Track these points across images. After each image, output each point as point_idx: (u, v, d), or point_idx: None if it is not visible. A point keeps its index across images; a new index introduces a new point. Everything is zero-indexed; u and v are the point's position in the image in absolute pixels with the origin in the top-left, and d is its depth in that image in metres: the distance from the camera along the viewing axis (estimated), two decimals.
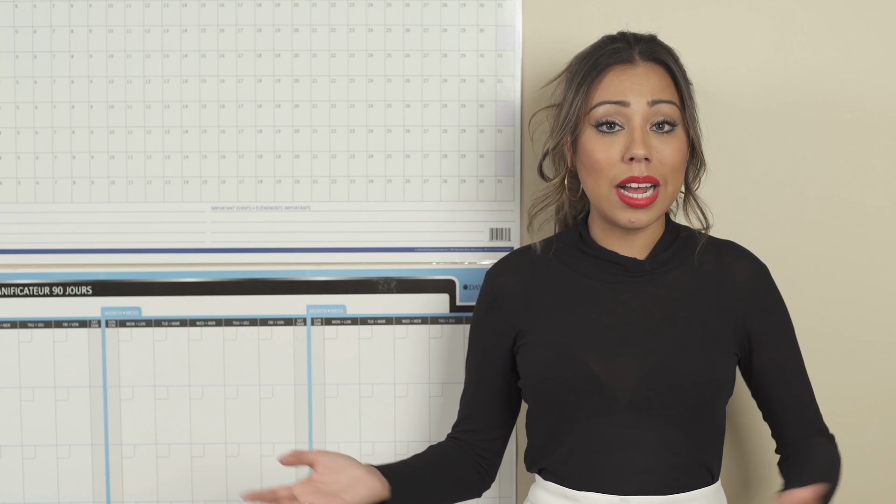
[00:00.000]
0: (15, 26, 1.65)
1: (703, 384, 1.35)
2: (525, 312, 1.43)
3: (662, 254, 1.41)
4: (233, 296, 1.68)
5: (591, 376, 1.35)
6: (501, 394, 1.49)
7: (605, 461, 1.36)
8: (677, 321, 1.37)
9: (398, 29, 1.66)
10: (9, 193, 1.67)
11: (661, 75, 1.36)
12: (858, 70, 1.67)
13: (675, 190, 1.37)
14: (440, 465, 1.49)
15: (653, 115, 1.34)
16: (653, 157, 1.33)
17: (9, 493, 1.69)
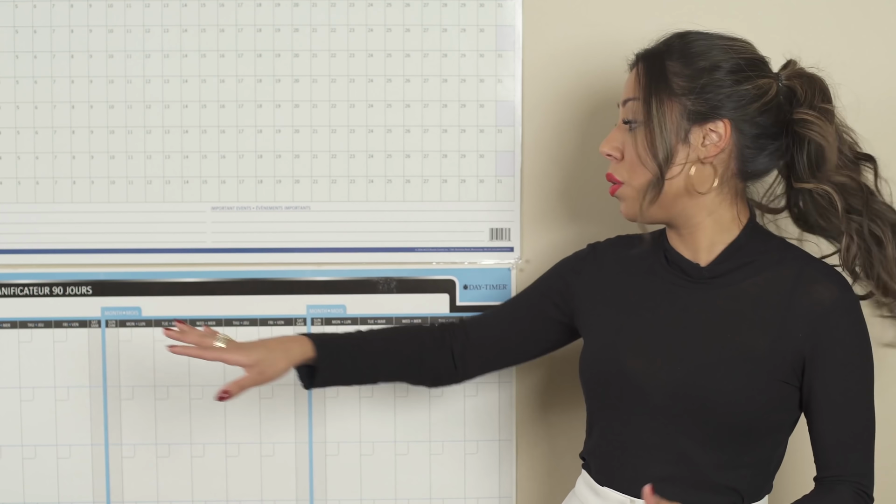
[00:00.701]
0: (15, 26, 1.65)
1: (732, 407, 1.29)
2: (595, 293, 1.45)
3: (728, 261, 1.35)
4: (233, 296, 1.68)
5: (623, 374, 1.35)
6: (520, 326, 1.51)
7: (625, 460, 1.36)
8: (726, 336, 1.31)
9: (398, 29, 1.66)
10: (9, 193, 1.67)
11: (635, 73, 1.36)
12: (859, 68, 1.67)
13: (643, 185, 1.32)
14: (392, 342, 1.51)
15: (623, 114, 1.37)
16: (615, 153, 1.36)
17: (9, 493, 1.69)
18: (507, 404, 1.72)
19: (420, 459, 1.72)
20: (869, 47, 1.67)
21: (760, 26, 1.66)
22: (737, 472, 1.33)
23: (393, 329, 1.55)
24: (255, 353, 1.38)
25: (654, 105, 1.31)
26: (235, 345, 1.39)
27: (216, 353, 1.37)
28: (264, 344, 1.41)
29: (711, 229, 1.36)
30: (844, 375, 1.30)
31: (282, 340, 1.43)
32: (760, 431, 1.32)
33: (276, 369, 1.40)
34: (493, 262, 1.69)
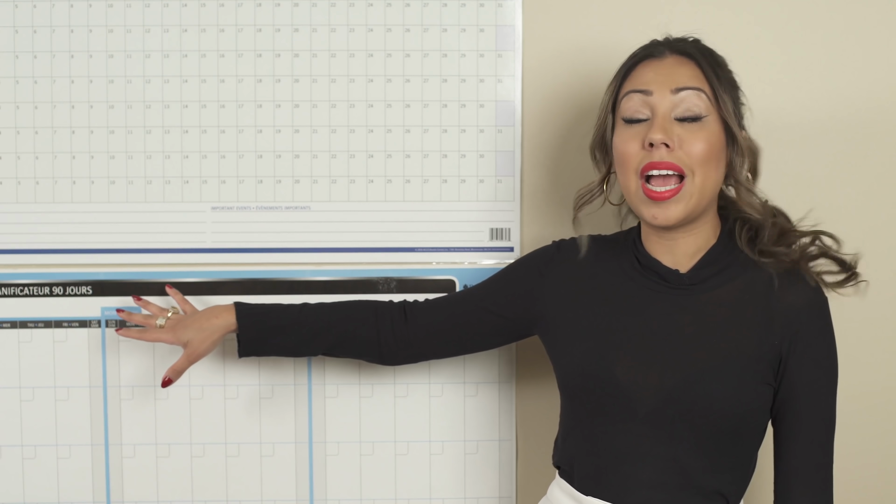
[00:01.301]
0: (15, 26, 1.65)
1: (724, 411, 1.29)
2: (565, 297, 1.42)
3: (708, 267, 1.35)
4: (233, 296, 1.68)
5: (613, 382, 1.33)
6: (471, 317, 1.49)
7: (613, 469, 1.35)
8: (711, 341, 1.32)
9: (398, 29, 1.66)
10: (9, 193, 1.67)
11: (689, 66, 1.32)
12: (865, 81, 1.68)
13: (705, 184, 1.30)
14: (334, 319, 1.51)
15: (678, 104, 1.30)
16: (674, 144, 1.29)
17: (9, 493, 1.69)
18: (507, 404, 1.72)
19: (420, 459, 1.71)
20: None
21: (754, 26, 1.67)
22: (724, 475, 1.33)
23: (339, 304, 1.54)
24: (185, 335, 1.51)
25: (727, 99, 1.32)
26: (172, 324, 1.54)
27: (155, 334, 1.53)
28: (195, 321, 1.52)
29: (702, 237, 1.36)
30: (814, 372, 1.32)
31: (210, 315, 1.52)
32: (747, 434, 1.33)
33: (203, 348, 1.52)
34: (493, 262, 1.69)
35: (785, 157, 1.67)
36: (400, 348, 1.51)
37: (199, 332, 1.51)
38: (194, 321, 1.52)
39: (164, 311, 1.57)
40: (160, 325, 1.54)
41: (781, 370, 1.32)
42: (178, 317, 1.56)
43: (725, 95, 1.31)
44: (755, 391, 1.31)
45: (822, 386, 1.33)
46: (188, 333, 1.51)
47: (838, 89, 1.68)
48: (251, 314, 1.52)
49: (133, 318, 1.57)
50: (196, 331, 1.51)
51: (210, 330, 1.51)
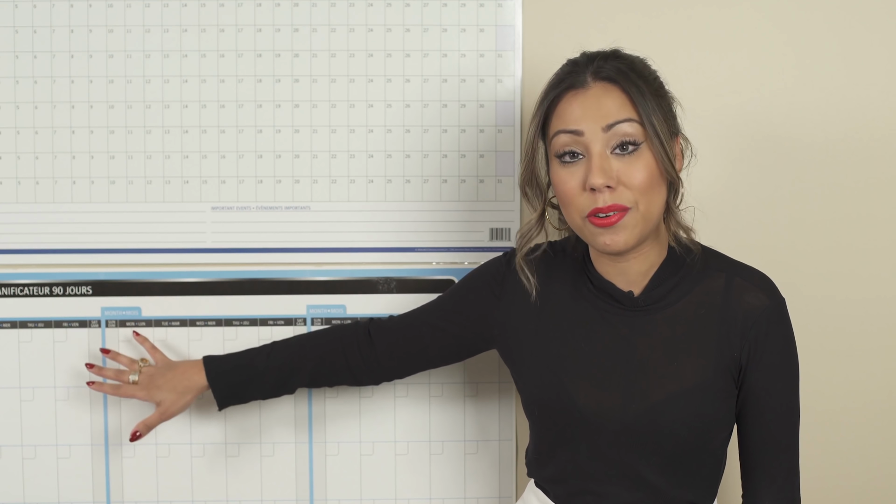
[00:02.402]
0: (15, 26, 1.65)
1: (687, 434, 1.29)
2: (520, 320, 1.40)
3: (660, 287, 1.32)
4: (233, 296, 1.68)
5: (576, 409, 1.32)
6: (430, 335, 1.48)
7: (586, 489, 1.35)
8: (670, 364, 1.30)
9: (398, 29, 1.66)
10: (9, 193, 1.67)
11: (616, 95, 1.25)
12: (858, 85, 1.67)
13: (649, 210, 1.25)
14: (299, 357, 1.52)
15: (611, 139, 1.25)
16: (615, 183, 1.24)
17: (9, 493, 1.69)
18: (507, 405, 1.72)
19: (420, 459, 1.71)
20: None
21: (757, 31, 1.67)
22: (694, 486, 1.34)
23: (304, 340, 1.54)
24: (159, 395, 1.55)
25: (656, 121, 1.25)
26: (145, 381, 1.56)
27: (129, 390, 1.57)
28: (168, 381, 1.55)
29: (652, 255, 1.32)
30: (776, 376, 1.32)
31: (182, 376, 1.55)
32: (711, 446, 1.34)
33: (177, 407, 1.56)
34: None
35: (787, 166, 1.67)
36: (371, 370, 1.51)
37: (172, 392, 1.54)
38: (167, 381, 1.55)
39: (135, 364, 1.59)
40: (133, 380, 1.56)
41: (742, 377, 1.32)
42: (150, 371, 1.58)
43: (655, 115, 1.25)
44: (717, 406, 1.31)
45: (784, 388, 1.33)
46: (161, 394, 1.55)
47: (848, 90, 1.68)
48: (221, 373, 1.53)
49: (105, 373, 1.59)
50: (169, 391, 1.54)
51: (185, 392, 1.55)
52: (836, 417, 1.71)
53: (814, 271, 1.68)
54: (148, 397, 1.55)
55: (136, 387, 1.56)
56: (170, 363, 1.59)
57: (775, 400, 1.32)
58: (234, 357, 1.55)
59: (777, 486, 1.34)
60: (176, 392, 1.54)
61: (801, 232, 1.68)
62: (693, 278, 1.33)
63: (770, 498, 1.34)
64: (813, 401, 1.61)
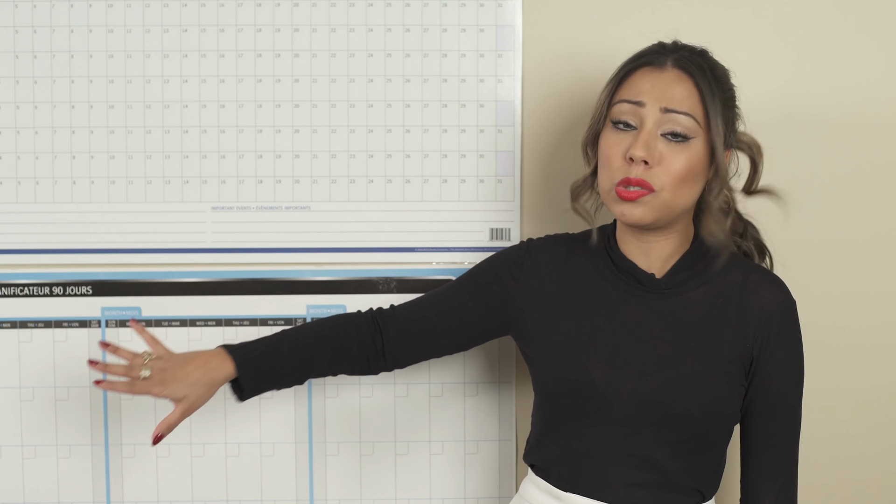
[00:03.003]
0: (15, 26, 1.65)
1: (699, 413, 1.33)
2: (539, 301, 1.42)
3: (681, 272, 1.37)
4: (233, 296, 1.68)
5: (591, 383, 1.35)
6: (445, 321, 1.47)
7: (592, 468, 1.36)
8: (685, 345, 1.34)
9: (398, 29, 1.66)
10: (9, 193, 1.67)
11: (687, 86, 1.31)
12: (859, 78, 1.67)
13: (674, 201, 1.31)
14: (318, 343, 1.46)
15: (666, 123, 1.30)
16: (653, 161, 1.29)
17: (9, 493, 1.69)
18: (507, 404, 1.72)
19: (420, 459, 1.72)
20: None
21: (755, 33, 1.67)
22: (699, 472, 1.36)
23: (318, 326, 1.50)
24: (181, 390, 1.37)
25: (716, 128, 1.31)
26: (159, 375, 1.38)
27: (142, 387, 1.37)
28: (187, 375, 1.38)
29: (676, 241, 1.38)
30: (785, 372, 1.36)
31: (205, 367, 1.39)
32: (721, 433, 1.37)
33: (202, 401, 1.40)
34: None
35: (792, 156, 1.67)
36: (382, 357, 1.50)
37: (197, 387, 1.38)
38: (186, 374, 1.38)
39: (140, 357, 1.39)
40: (145, 376, 1.37)
41: (752, 371, 1.36)
42: (161, 364, 1.39)
43: (718, 119, 1.31)
44: (728, 393, 1.34)
45: (790, 388, 1.37)
46: (183, 389, 1.38)
47: (849, 88, 1.68)
48: (249, 361, 1.42)
49: (112, 370, 1.39)
50: (192, 386, 1.38)
51: (210, 385, 1.40)
52: (834, 416, 1.71)
53: (813, 268, 1.68)
54: (166, 393, 1.37)
55: (151, 382, 1.37)
56: (179, 355, 1.42)
57: (781, 397, 1.36)
58: (256, 345, 1.45)
59: (776, 485, 1.37)
60: (200, 386, 1.38)
61: (800, 230, 1.68)
62: (712, 272, 1.38)
63: (769, 497, 1.37)
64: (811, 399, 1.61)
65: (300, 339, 1.48)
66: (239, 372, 1.41)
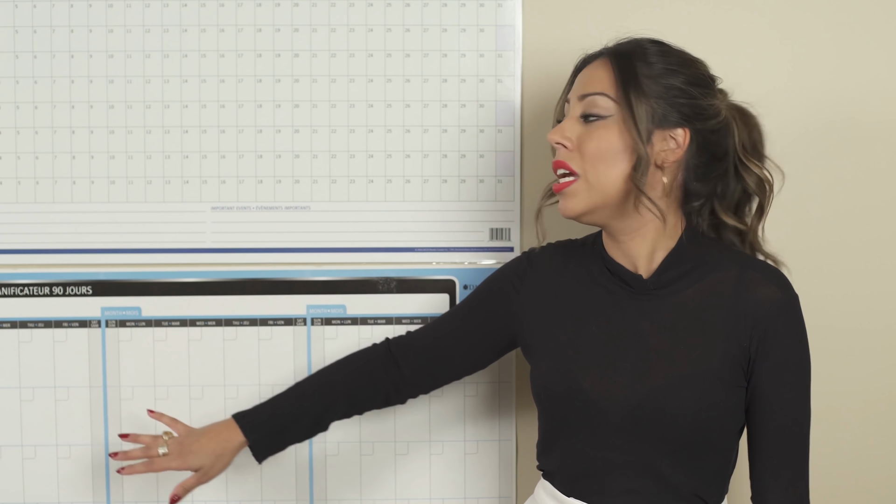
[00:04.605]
0: (15, 26, 1.65)
1: (694, 418, 1.29)
2: (537, 310, 1.42)
3: (670, 270, 1.34)
4: (233, 296, 1.68)
5: (582, 393, 1.33)
6: (455, 343, 1.49)
7: (589, 476, 1.35)
8: (678, 348, 1.31)
9: (398, 29, 1.66)
10: (9, 193, 1.67)
11: (605, 70, 1.33)
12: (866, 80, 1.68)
13: (599, 181, 1.31)
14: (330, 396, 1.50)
15: (584, 107, 1.33)
16: (571, 144, 1.33)
17: (9, 493, 1.69)
18: (507, 404, 1.72)
19: (420, 459, 1.71)
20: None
21: (746, 38, 1.67)
22: (700, 478, 1.34)
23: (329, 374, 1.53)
24: (196, 461, 1.47)
25: (633, 100, 1.30)
26: (177, 450, 1.47)
27: (162, 463, 1.47)
28: (202, 448, 1.47)
29: (652, 237, 1.35)
30: (785, 372, 1.31)
31: (217, 439, 1.48)
32: (721, 437, 1.33)
33: (216, 470, 1.49)
34: (493, 262, 1.69)
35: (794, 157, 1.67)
36: (399, 391, 1.52)
37: (210, 457, 1.47)
38: (202, 447, 1.47)
39: (159, 439, 1.49)
40: (164, 453, 1.48)
41: (751, 369, 1.32)
42: (178, 441, 1.49)
43: (638, 96, 1.30)
44: (724, 395, 1.31)
45: (793, 385, 1.32)
46: (199, 459, 1.47)
47: (848, 88, 1.68)
48: (256, 426, 1.49)
49: (131, 455, 1.49)
50: (207, 456, 1.47)
51: (223, 455, 1.48)
52: (835, 416, 1.71)
53: (813, 267, 1.68)
54: (184, 465, 1.47)
55: (169, 458, 1.47)
56: (195, 430, 1.51)
57: (784, 396, 1.32)
58: (265, 407, 1.51)
59: (784, 484, 1.33)
60: (214, 455, 1.47)
61: (798, 228, 1.68)
62: (706, 268, 1.35)
63: (777, 497, 1.33)
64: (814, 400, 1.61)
65: (311, 393, 1.51)
66: (247, 439, 1.48)
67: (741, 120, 1.38)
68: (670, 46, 1.36)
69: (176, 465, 1.47)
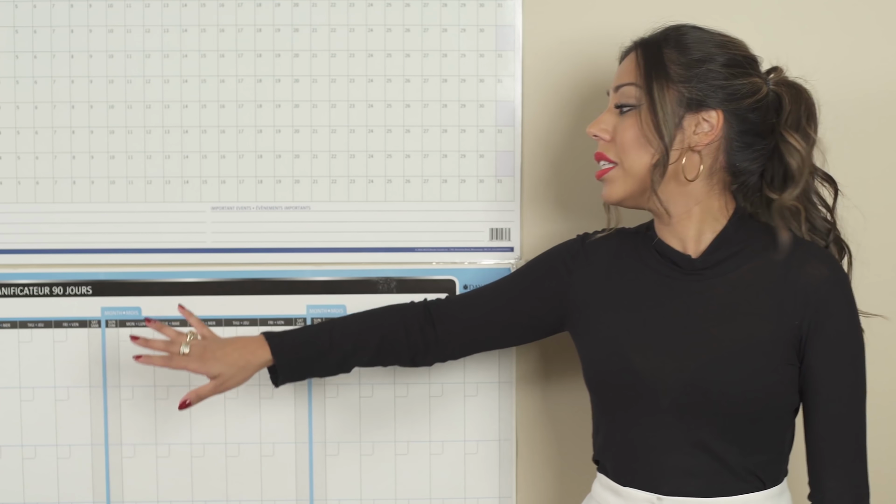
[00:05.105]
0: (15, 26, 1.65)
1: (744, 395, 1.30)
2: (589, 293, 1.43)
3: (719, 251, 1.36)
4: (233, 296, 1.68)
5: (632, 373, 1.35)
6: (499, 315, 1.50)
7: (643, 459, 1.36)
8: (728, 326, 1.32)
9: (398, 29, 1.66)
10: (9, 193, 1.67)
11: (632, 60, 1.37)
12: None
13: (633, 168, 1.35)
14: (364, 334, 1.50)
15: (617, 98, 1.37)
16: (608, 136, 1.37)
17: (9, 493, 1.69)
18: (507, 404, 1.72)
19: (420, 459, 1.72)
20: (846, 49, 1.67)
21: (755, 27, 1.66)
22: (754, 457, 1.34)
23: (366, 317, 1.53)
24: (217, 368, 1.44)
25: (656, 89, 1.33)
26: (199, 352, 1.45)
27: (181, 361, 1.44)
28: (225, 356, 1.45)
29: (699, 219, 1.37)
30: (837, 350, 1.32)
31: (243, 350, 1.46)
32: (772, 415, 1.34)
33: (235, 382, 1.46)
34: (493, 262, 1.69)
35: None
36: (428, 351, 1.51)
37: (232, 367, 1.44)
38: (225, 355, 1.45)
39: (183, 335, 1.46)
40: (185, 352, 1.44)
41: (803, 349, 1.32)
42: (201, 343, 1.46)
43: (663, 83, 1.33)
44: (776, 373, 1.31)
45: (846, 362, 1.32)
46: (219, 367, 1.44)
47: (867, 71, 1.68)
48: (286, 349, 1.48)
49: (153, 345, 1.47)
50: (228, 366, 1.44)
51: (245, 368, 1.46)
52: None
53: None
54: (203, 369, 1.44)
55: (189, 357, 1.44)
56: (221, 338, 1.49)
57: (835, 375, 1.32)
58: (297, 333, 1.51)
59: (841, 467, 1.32)
60: (236, 366, 1.44)
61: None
62: (754, 249, 1.36)
63: (834, 479, 1.32)
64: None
65: (344, 330, 1.51)
66: (274, 358, 1.47)
67: (790, 95, 1.37)
68: (706, 30, 1.37)
69: (194, 366, 1.44)
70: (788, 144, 1.36)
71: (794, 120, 1.37)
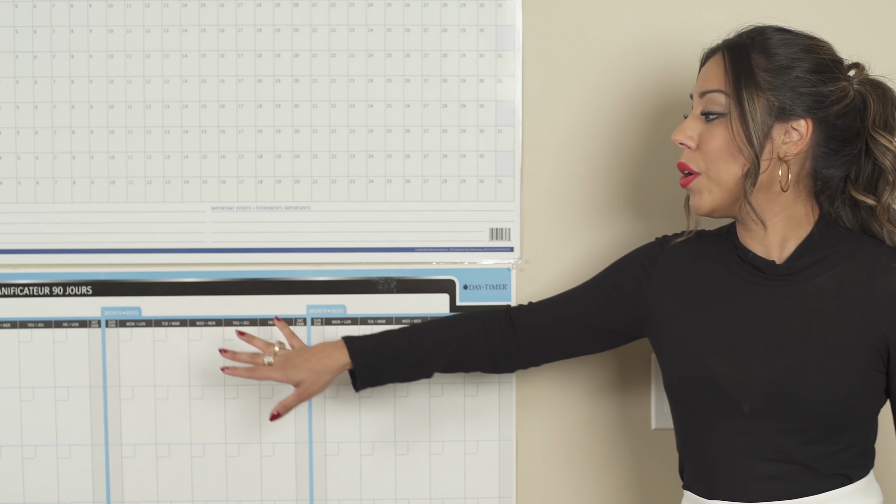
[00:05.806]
0: (15, 26, 1.65)
1: (827, 402, 1.29)
2: (668, 297, 1.42)
3: (804, 257, 1.34)
4: (233, 296, 1.68)
5: (712, 379, 1.33)
6: (581, 323, 1.49)
7: (726, 467, 1.34)
8: (811, 332, 1.31)
9: (398, 29, 1.66)
10: (9, 193, 1.67)
11: (719, 65, 1.33)
12: None
13: (721, 178, 1.32)
14: (443, 342, 1.51)
15: (703, 105, 1.34)
16: (693, 144, 1.34)
17: (9, 493, 1.69)
18: (507, 404, 1.72)
19: (420, 459, 1.71)
20: None
21: None
22: (838, 457, 1.32)
23: (448, 322, 1.55)
24: (298, 375, 1.50)
25: (746, 98, 1.29)
26: (281, 361, 1.50)
27: (265, 372, 1.50)
28: (304, 362, 1.50)
29: (783, 226, 1.35)
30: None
31: (321, 355, 1.50)
32: (854, 419, 1.32)
33: (317, 388, 1.51)
34: (493, 262, 1.69)
35: None
36: (511, 356, 1.52)
37: (311, 373, 1.49)
38: (305, 361, 1.50)
39: (271, 347, 1.53)
40: (269, 362, 1.50)
41: (890, 356, 1.31)
42: (285, 353, 1.52)
43: (752, 91, 1.29)
44: (859, 379, 1.30)
45: None
46: (300, 374, 1.49)
47: None
48: (365, 351, 1.50)
49: (239, 357, 1.53)
50: (308, 371, 1.49)
51: (324, 372, 1.50)
52: None
53: None
54: (285, 378, 1.49)
55: (272, 368, 1.50)
56: (304, 346, 1.55)
57: None
58: (376, 337, 1.53)
59: None
60: (315, 372, 1.49)
61: None
62: (839, 255, 1.34)
63: None
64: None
65: (423, 333, 1.53)
66: (352, 361, 1.50)
67: (875, 95, 1.34)
68: (792, 32, 1.33)
69: (277, 376, 1.49)
70: (880, 145, 1.33)
71: (882, 120, 1.34)
